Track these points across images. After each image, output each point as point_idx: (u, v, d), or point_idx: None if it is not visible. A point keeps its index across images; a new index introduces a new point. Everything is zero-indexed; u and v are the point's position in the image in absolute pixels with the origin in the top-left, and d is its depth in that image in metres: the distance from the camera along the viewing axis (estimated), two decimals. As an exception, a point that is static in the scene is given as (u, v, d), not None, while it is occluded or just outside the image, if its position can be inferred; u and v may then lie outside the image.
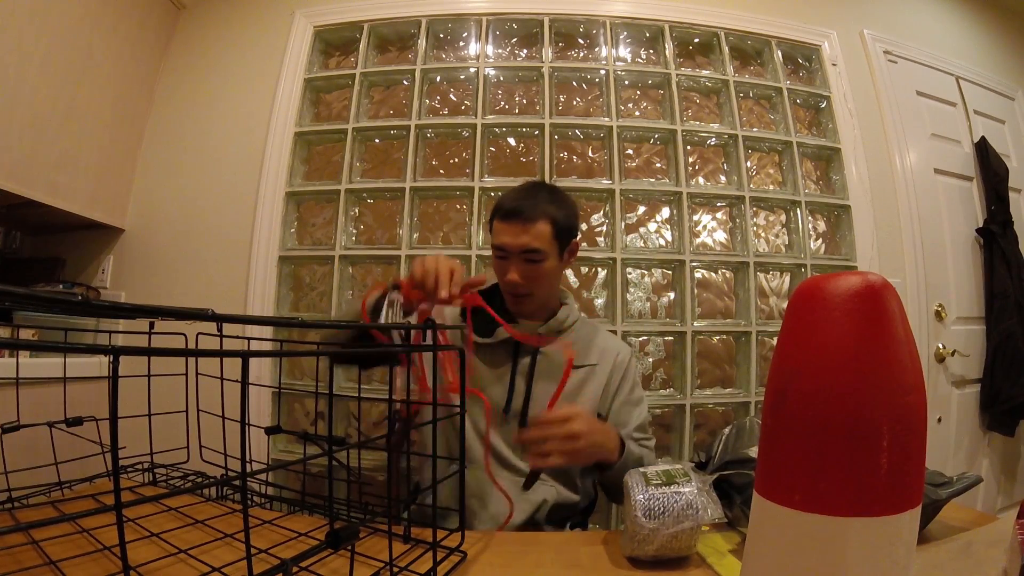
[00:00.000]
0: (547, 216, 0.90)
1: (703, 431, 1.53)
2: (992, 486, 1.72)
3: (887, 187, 1.69)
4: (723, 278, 1.63)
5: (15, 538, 0.50)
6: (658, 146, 1.67)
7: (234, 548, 0.52)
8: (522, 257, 0.90)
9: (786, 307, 0.31)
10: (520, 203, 0.91)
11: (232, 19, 1.78)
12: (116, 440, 0.28)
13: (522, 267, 0.90)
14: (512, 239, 0.89)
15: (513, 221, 0.90)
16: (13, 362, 1.08)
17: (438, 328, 0.57)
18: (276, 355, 0.39)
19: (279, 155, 1.61)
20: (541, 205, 0.91)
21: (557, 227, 0.91)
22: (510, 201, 0.93)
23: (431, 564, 0.46)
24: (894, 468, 0.26)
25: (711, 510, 0.53)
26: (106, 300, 1.40)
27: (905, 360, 0.27)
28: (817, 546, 0.27)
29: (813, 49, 1.78)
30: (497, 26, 1.72)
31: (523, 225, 0.89)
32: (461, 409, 0.54)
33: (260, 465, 1.13)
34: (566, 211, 0.94)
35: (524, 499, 0.86)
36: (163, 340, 0.62)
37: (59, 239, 1.67)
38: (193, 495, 0.66)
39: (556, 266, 0.94)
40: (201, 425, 0.69)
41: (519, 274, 0.90)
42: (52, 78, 1.37)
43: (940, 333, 1.67)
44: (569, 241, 0.96)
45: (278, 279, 1.56)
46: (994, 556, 0.50)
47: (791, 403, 0.28)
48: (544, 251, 0.90)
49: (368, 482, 1.37)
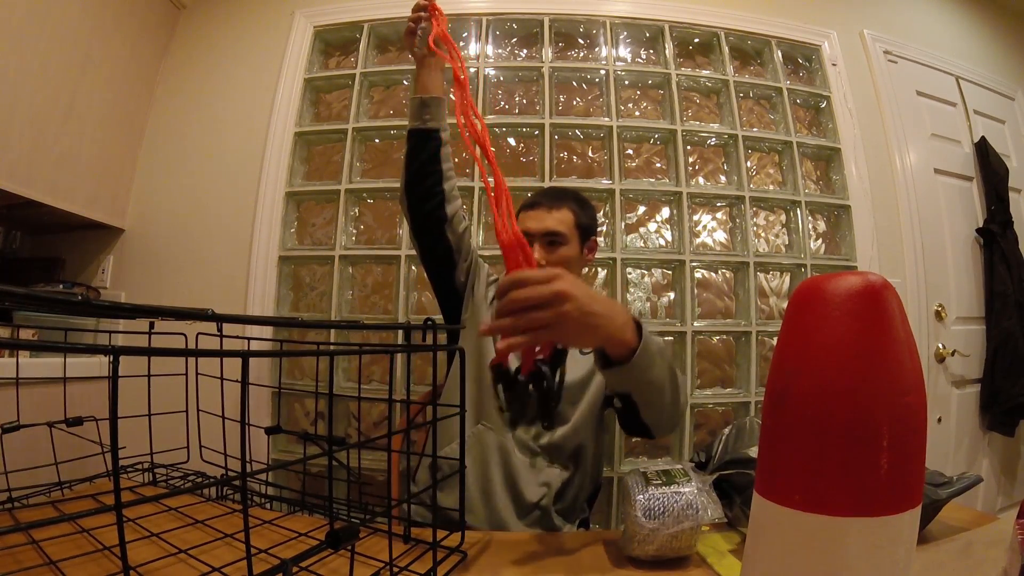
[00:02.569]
0: (569, 207, 0.97)
1: (703, 431, 1.53)
2: (992, 486, 1.72)
3: (887, 187, 1.69)
4: (723, 278, 1.63)
5: (15, 538, 0.50)
6: (658, 146, 1.67)
7: (234, 548, 0.52)
8: (545, 240, 0.94)
9: (786, 307, 0.31)
10: (544, 195, 1.00)
11: (232, 19, 1.78)
12: (116, 440, 0.28)
13: (545, 250, 0.94)
14: (536, 224, 0.95)
15: (537, 208, 0.97)
16: (13, 362, 1.08)
17: (437, 328, 0.57)
18: (276, 355, 0.39)
19: (279, 155, 1.61)
20: (564, 198, 0.99)
21: (578, 218, 0.97)
22: (535, 195, 1.02)
23: (431, 564, 0.46)
24: (894, 468, 0.26)
25: (711, 510, 0.53)
26: (106, 300, 1.39)
27: (905, 360, 0.27)
28: (817, 546, 0.27)
29: (813, 49, 1.78)
30: (497, 26, 1.72)
31: (547, 211, 0.95)
32: (461, 409, 0.54)
33: (260, 465, 1.13)
34: (587, 210, 1.01)
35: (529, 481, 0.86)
36: (163, 340, 0.62)
37: (59, 239, 1.67)
38: (193, 495, 0.66)
39: (577, 256, 0.97)
40: (201, 425, 0.69)
41: (541, 256, 0.93)
42: (52, 78, 1.37)
43: (940, 333, 1.67)
44: (589, 237, 1.00)
45: (278, 279, 1.56)
46: (994, 556, 0.50)
47: (791, 403, 0.28)
48: (566, 235, 0.94)
49: (368, 482, 1.37)
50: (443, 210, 0.94)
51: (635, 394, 0.67)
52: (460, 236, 0.97)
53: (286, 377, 1.55)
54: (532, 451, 0.89)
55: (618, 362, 0.60)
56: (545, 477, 0.87)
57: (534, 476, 0.87)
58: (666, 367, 0.67)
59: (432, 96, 0.93)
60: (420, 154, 0.93)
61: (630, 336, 0.59)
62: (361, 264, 1.59)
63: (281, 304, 1.57)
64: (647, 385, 0.65)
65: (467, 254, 0.99)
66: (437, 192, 0.93)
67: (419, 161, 0.93)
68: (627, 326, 0.59)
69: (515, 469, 0.86)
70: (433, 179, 0.93)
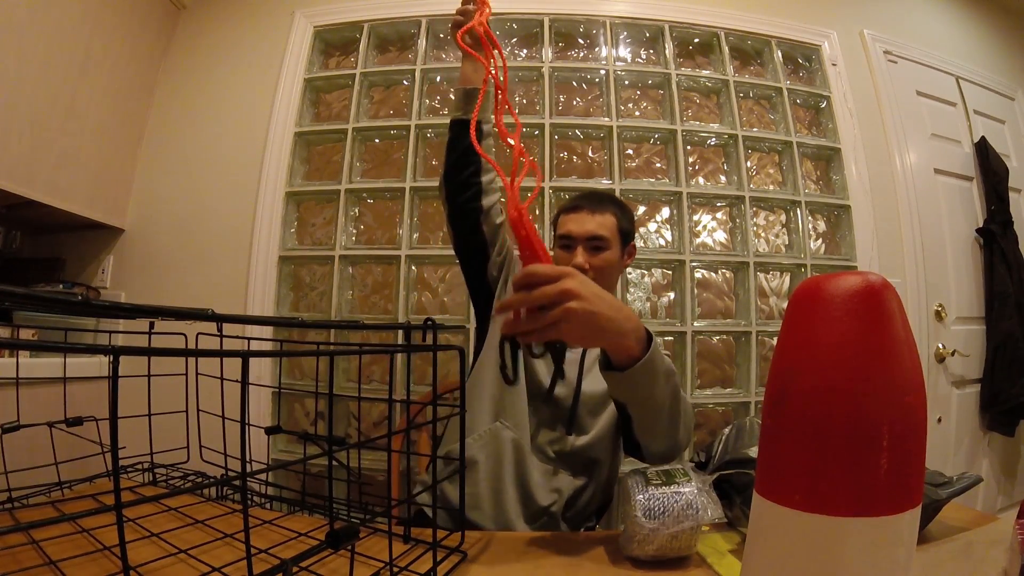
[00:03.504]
0: (612, 211, 0.96)
1: (703, 431, 1.53)
2: (992, 486, 1.72)
3: (887, 187, 1.69)
4: (723, 278, 1.63)
5: (15, 538, 0.50)
6: (658, 146, 1.67)
7: (234, 548, 0.52)
8: (588, 244, 0.93)
9: (786, 307, 0.31)
10: (585, 199, 0.98)
11: (232, 19, 1.78)
12: (116, 440, 0.28)
13: (588, 254, 0.93)
14: (578, 227, 0.94)
15: (579, 212, 0.96)
16: (13, 362, 1.08)
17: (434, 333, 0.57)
18: (276, 355, 0.40)
19: (279, 155, 1.61)
20: (606, 202, 0.98)
21: (620, 222, 0.96)
22: (575, 199, 1.00)
23: (431, 564, 0.46)
24: (894, 468, 0.26)
25: (711, 510, 0.53)
26: (106, 300, 1.39)
27: (905, 360, 0.27)
28: (817, 546, 0.27)
29: (813, 49, 1.78)
30: (497, 26, 1.72)
31: (590, 214, 0.94)
32: (461, 409, 0.54)
33: (260, 465, 1.13)
34: (627, 213, 1.00)
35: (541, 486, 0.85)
36: (163, 340, 0.62)
37: (59, 239, 1.67)
38: (193, 495, 0.66)
39: (618, 260, 0.96)
40: (201, 425, 0.69)
41: (584, 260, 0.92)
42: (52, 78, 1.37)
43: (940, 333, 1.67)
44: (628, 242, 1.00)
45: (278, 279, 1.56)
46: (994, 556, 0.50)
47: (791, 403, 0.28)
48: (608, 239, 0.94)
49: (368, 482, 1.37)
50: (479, 202, 0.93)
51: (631, 407, 0.67)
52: (495, 229, 0.96)
53: (286, 377, 1.55)
54: (548, 457, 0.88)
55: (619, 367, 0.60)
56: (557, 483, 0.86)
57: (546, 481, 0.86)
58: (671, 393, 0.66)
59: (476, 87, 0.93)
60: (459, 144, 0.92)
61: (634, 344, 0.59)
62: (361, 264, 1.59)
63: (281, 304, 1.57)
64: (645, 400, 0.65)
65: (501, 248, 0.98)
66: (474, 183, 0.93)
67: (458, 151, 0.92)
68: (635, 335, 0.59)
69: (528, 472, 0.85)
70: (471, 170, 0.92)
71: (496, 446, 0.87)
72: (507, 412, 0.89)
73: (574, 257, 0.92)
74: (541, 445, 0.89)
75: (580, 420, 0.89)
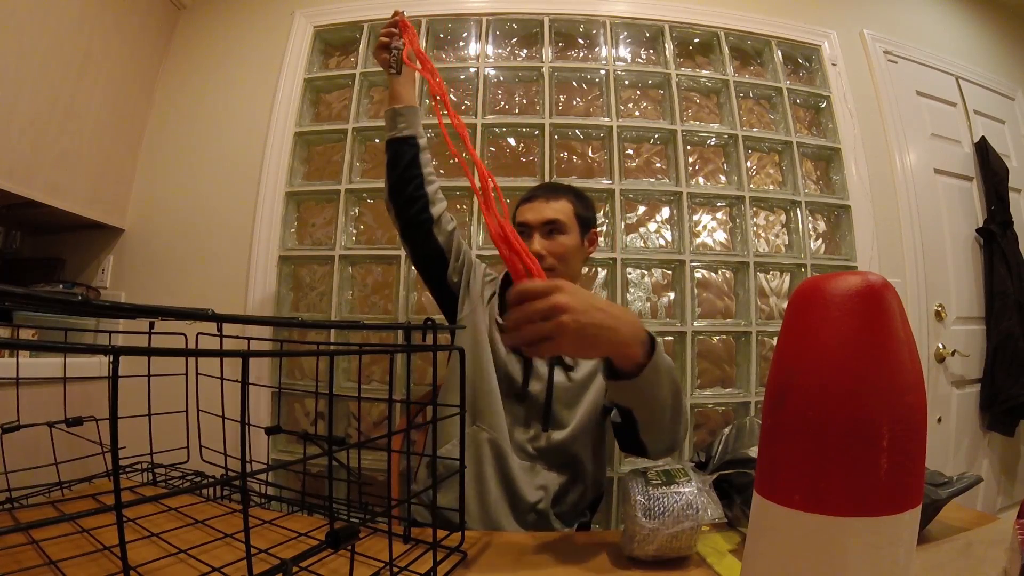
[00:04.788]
0: (567, 198, 0.98)
1: (703, 431, 1.53)
2: (992, 486, 1.72)
3: (887, 187, 1.69)
4: (723, 278, 1.63)
5: (15, 538, 0.50)
6: (658, 146, 1.67)
7: (234, 548, 0.52)
8: (544, 229, 0.95)
9: (786, 307, 0.31)
10: (541, 188, 1.02)
11: (232, 19, 1.78)
12: (116, 440, 0.28)
13: (545, 239, 0.95)
14: (534, 215, 0.96)
15: (534, 201, 0.98)
16: (13, 362, 1.08)
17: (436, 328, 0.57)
18: (276, 355, 0.40)
19: (279, 155, 1.61)
20: (560, 190, 1.01)
21: (576, 208, 0.98)
22: (532, 190, 1.03)
23: (431, 564, 0.46)
24: (894, 468, 0.26)
25: (711, 510, 0.53)
26: (106, 300, 1.39)
27: (905, 360, 0.27)
28: (817, 546, 0.27)
29: (813, 49, 1.78)
30: (497, 26, 1.72)
31: (544, 202, 0.97)
32: (461, 410, 0.54)
33: (260, 465, 1.13)
34: (584, 201, 1.02)
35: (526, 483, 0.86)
36: (163, 340, 0.62)
37: (59, 239, 1.67)
38: (193, 495, 0.66)
39: (577, 246, 0.98)
40: (201, 425, 0.69)
41: (541, 246, 0.93)
42: (52, 78, 1.37)
43: (940, 333, 1.67)
44: (589, 229, 1.01)
45: (278, 279, 1.56)
46: (994, 556, 0.50)
47: (791, 403, 0.28)
48: (565, 223, 0.95)
49: (368, 482, 1.37)
50: (428, 212, 0.97)
51: (637, 411, 0.66)
52: (449, 236, 0.99)
53: (286, 377, 1.55)
54: (528, 454, 0.88)
55: (625, 375, 0.59)
56: (542, 480, 0.87)
57: (530, 479, 0.87)
58: (672, 388, 0.65)
59: (405, 105, 0.99)
60: (399, 161, 0.97)
61: (636, 350, 0.57)
62: (361, 264, 1.59)
63: (281, 304, 1.57)
64: (651, 403, 0.64)
65: (458, 254, 1.00)
66: (420, 196, 0.97)
67: (399, 168, 0.97)
68: (635, 340, 0.57)
69: (511, 471, 0.86)
70: (415, 184, 0.97)
71: (475, 449, 0.88)
72: (482, 414, 0.89)
73: (531, 245, 0.93)
74: (520, 443, 0.89)
75: (556, 414, 0.89)
